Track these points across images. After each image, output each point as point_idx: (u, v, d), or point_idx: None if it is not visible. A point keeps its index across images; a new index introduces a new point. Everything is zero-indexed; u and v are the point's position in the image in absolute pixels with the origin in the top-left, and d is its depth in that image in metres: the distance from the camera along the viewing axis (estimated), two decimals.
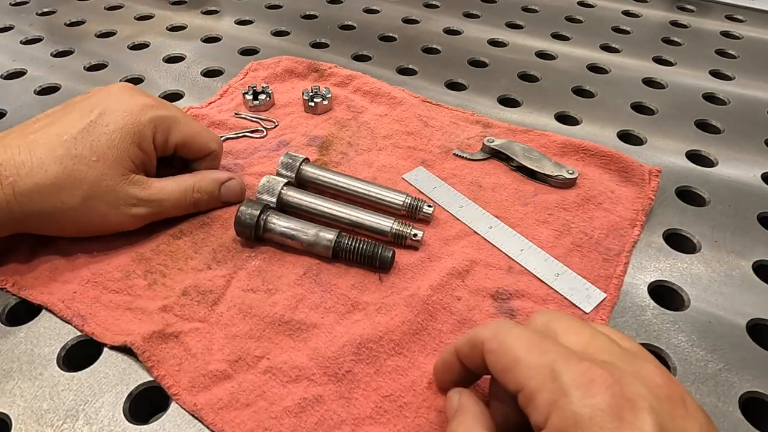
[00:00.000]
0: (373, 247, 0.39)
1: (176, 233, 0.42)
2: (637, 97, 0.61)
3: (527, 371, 0.24)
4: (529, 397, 0.24)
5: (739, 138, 0.55)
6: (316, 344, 0.35)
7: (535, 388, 0.24)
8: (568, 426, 0.22)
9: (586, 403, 0.22)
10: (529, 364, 0.24)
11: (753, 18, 0.80)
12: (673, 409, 0.23)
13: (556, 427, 0.22)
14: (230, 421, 0.31)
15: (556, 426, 0.22)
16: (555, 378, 0.23)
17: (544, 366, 0.24)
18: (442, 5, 0.81)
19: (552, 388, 0.23)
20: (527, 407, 0.24)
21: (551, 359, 0.24)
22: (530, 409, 0.24)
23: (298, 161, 0.45)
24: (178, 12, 0.77)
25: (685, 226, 0.45)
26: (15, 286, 0.38)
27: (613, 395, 0.22)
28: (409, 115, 0.54)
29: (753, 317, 0.38)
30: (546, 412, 0.23)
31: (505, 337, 0.26)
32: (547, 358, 0.24)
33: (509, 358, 0.25)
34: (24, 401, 0.33)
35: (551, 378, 0.23)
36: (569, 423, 0.22)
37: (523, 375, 0.24)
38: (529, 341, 0.25)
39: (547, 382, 0.23)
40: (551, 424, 0.22)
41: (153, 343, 0.35)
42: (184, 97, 0.59)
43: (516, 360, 0.25)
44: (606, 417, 0.21)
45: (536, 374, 0.24)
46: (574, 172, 0.47)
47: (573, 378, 0.23)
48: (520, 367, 0.25)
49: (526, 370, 0.24)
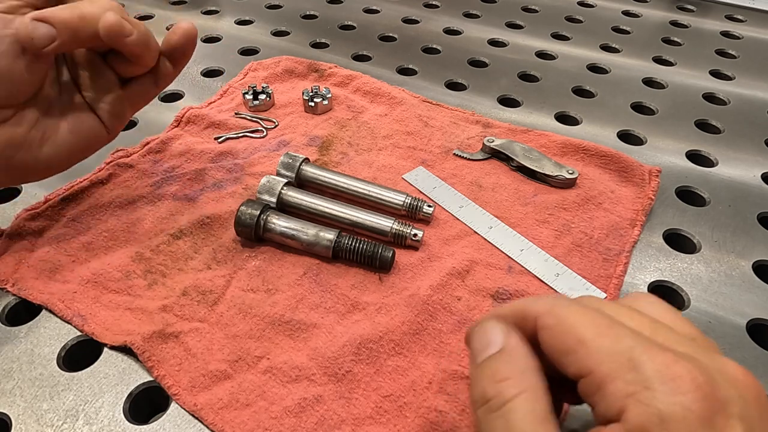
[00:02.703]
0: (373, 247, 0.39)
1: (176, 233, 0.42)
2: (637, 97, 0.61)
3: (597, 356, 0.21)
4: (597, 385, 0.21)
5: (739, 138, 0.55)
6: (316, 344, 0.35)
7: (607, 376, 0.21)
8: (651, 423, 0.19)
9: (674, 401, 0.19)
10: (600, 348, 0.21)
11: (753, 18, 0.80)
12: (763, 413, 0.21)
13: (636, 422, 0.20)
14: (230, 421, 0.31)
15: (635, 421, 0.20)
16: (635, 367, 0.20)
17: (619, 352, 0.21)
18: (442, 5, 0.81)
19: (630, 379, 0.20)
20: (593, 395, 0.21)
21: (628, 346, 0.21)
22: (597, 398, 0.21)
23: (298, 161, 0.45)
24: (178, 12, 0.77)
25: (685, 226, 0.45)
26: (15, 286, 0.38)
27: (704, 396, 0.19)
28: (409, 115, 0.54)
29: (753, 317, 0.38)
30: (621, 405, 0.20)
31: (565, 313, 0.23)
32: (622, 343, 0.21)
33: (571, 338, 0.22)
34: (24, 401, 0.33)
35: (629, 367, 0.20)
36: (653, 420, 0.19)
37: (592, 359, 0.21)
38: (596, 321, 0.22)
39: (623, 371, 0.20)
40: (630, 419, 0.20)
41: (153, 343, 0.35)
42: (184, 97, 0.59)
43: (581, 341, 0.22)
44: (696, 420, 0.19)
45: (609, 360, 0.21)
46: (574, 172, 0.47)
47: (657, 370, 0.20)
48: (587, 349, 0.22)
49: (596, 355, 0.21)
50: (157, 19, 0.75)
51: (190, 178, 0.47)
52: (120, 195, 0.45)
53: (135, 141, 0.51)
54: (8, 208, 0.45)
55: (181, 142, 0.51)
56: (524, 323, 0.25)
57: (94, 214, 0.43)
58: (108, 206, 0.44)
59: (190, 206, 0.44)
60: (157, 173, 0.47)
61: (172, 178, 0.47)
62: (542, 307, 0.24)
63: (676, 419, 0.19)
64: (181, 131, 0.53)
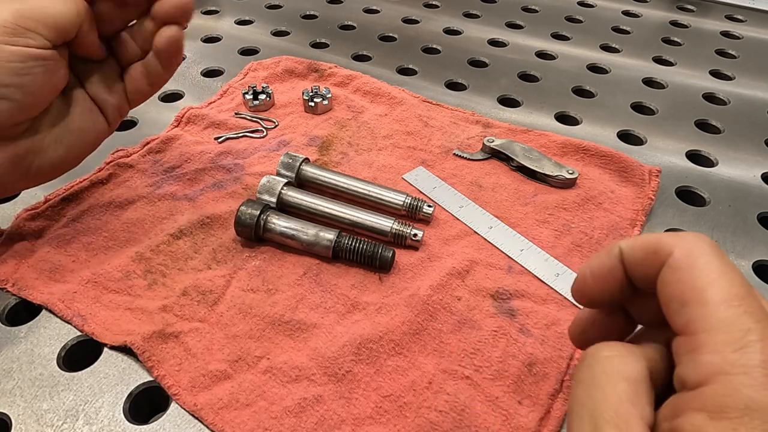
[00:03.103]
0: (373, 247, 0.39)
1: (176, 233, 0.42)
2: (637, 97, 0.61)
3: (712, 320, 0.20)
4: (694, 348, 0.20)
5: (739, 138, 0.55)
6: (316, 344, 0.35)
7: (709, 345, 0.19)
8: (734, 407, 0.18)
9: None
10: (719, 314, 0.20)
11: (753, 18, 0.80)
12: None
13: (715, 401, 0.19)
14: (230, 421, 0.31)
15: (715, 399, 0.19)
16: (742, 347, 0.19)
17: (736, 326, 0.19)
18: (442, 5, 0.81)
19: (731, 359, 0.19)
20: (684, 354, 0.20)
21: (749, 324, 0.19)
22: (686, 359, 0.20)
23: (298, 161, 0.45)
24: None
25: (685, 226, 0.45)
26: (15, 286, 0.38)
27: None
28: (409, 115, 0.54)
29: None
30: (707, 377, 0.19)
31: (703, 262, 0.21)
32: (744, 321, 0.20)
33: (697, 293, 0.20)
34: (24, 401, 0.32)
35: (737, 345, 0.19)
36: (738, 404, 0.18)
37: (705, 322, 0.20)
38: (731, 286, 0.20)
39: (729, 347, 0.19)
40: (709, 394, 0.19)
41: (153, 343, 0.35)
42: (184, 97, 0.59)
43: (704, 301, 0.20)
44: None
45: (721, 330, 0.20)
46: (574, 172, 0.47)
47: (764, 360, 0.19)
48: (705, 312, 0.20)
49: (711, 319, 0.20)
50: None
51: (190, 178, 0.47)
52: (120, 195, 0.45)
53: (135, 141, 0.51)
54: (8, 208, 0.45)
55: (181, 142, 0.51)
56: (653, 257, 0.23)
57: (94, 214, 0.43)
58: (108, 206, 0.44)
59: (190, 206, 0.44)
60: (157, 173, 0.47)
61: (172, 178, 0.47)
62: (682, 245, 0.22)
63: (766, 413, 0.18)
64: (181, 131, 0.53)
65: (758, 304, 0.20)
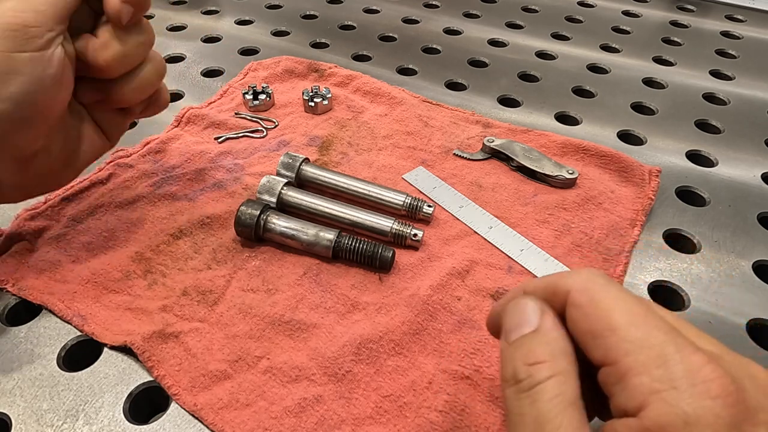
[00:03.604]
0: (373, 247, 0.39)
1: (176, 233, 0.42)
2: (637, 97, 0.61)
3: (625, 345, 0.20)
4: (620, 375, 0.20)
5: (739, 138, 0.55)
6: (316, 344, 0.35)
7: (632, 369, 0.20)
8: (673, 424, 0.19)
9: (703, 404, 0.19)
10: (630, 338, 0.20)
11: (753, 18, 0.80)
12: None
13: (656, 421, 0.19)
14: (230, 421, 0.31)
15: (656, 420, 0.19)
16: (664, 364, 0.20)
17: (649, 346, 0.20)
18: (442, 5, 0.81)
19: (658, 376, 0.20)
20: (614, 385, 0.21)
21: (660, 341, 0.20)
22: (618, 389, 0.20)
23: (298, 161, 0.45)
24: (178, 12, 0.77)
25: (685, 226, 0.45)
26: (15, 286, 0.38)
27: (734, 402, 0.19)
28: (409, 115, 0.54)
29: (753, 317, 0.38)
30: (642, 400, 0.20)
31: (600, 294, 0.22)
32: (655, 336, 0.20)
33: (603, 322, 0.21)
34: (24, 401, 0.32)
35: (658, 363, 0.20)
36: (676, 421, 0.19)
37: (620, 349, 0.20)
38: (631, 308, 0.21)
39: (651, 367, 0.20)
40: (649, 416, 0.19)
41: (153, 343, 0.35)
42: (184, 97, 0.59)
43: (611, 328, 0.21)
44: (724, 426, 0.18)
45: (638, 353, 0.20)
46: (574, 172, 0.47)
47: (687, 370, 0.19)
48: (617, 338, 0.21)
49: (625, 344, 0.20)
50: (157, 19, 0.75)
51: (190, 178, 0.47)
52: (120, 195, 0.45)
53: (135, 141, 0.51)
54: (8, 208, 0.45)
55: (181, 142, 0.51)
56: (554, 298, 0.23)
57: (94, 214, 0.43)
58: (108, 206, 0.44)
59: (190, 206, 0.44)
60: (157, 173, 0.47)
61: (172, 178, 0.47)
62: (577, 283, 0.23)
63: (703, 423, 0.18)
64: (181, 131, 0.53)
65: (660, 319, 0.21)
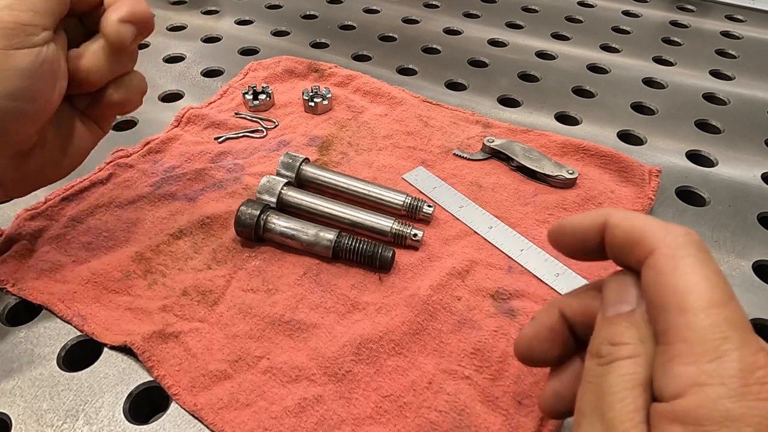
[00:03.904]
0: (373, 247, 0.39)
1: (176, 233, 0.42)
2: (637, 97, 0.61)
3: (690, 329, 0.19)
4: (670, 358, 0.20)
5: (739, 138, 0.55)
6: (316, 344, 0.35)
7: (685, 355, 0.19)
8: (711, 418, 0.18)
9: (749, 404, 0.18)
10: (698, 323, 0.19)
11: (753, 18, 0.80)
12: None
13: (693, 413, 0.18)
14: (230, 421, 0.31)
15: (692, 411, 0.18)
16: (719, 357, 0.19)
17: (713, 337, 0.19)
18: (442, 5, 0.81)
19: (708, 369, 0.19)
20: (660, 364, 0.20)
21: (727, 332, 0.19)
22: (662, 370, 0.20)
23: (298, 161, 0.45)
24: (178, 12, 0.77)
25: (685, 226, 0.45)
26: (15, 286, 0.38)
27: None
28: (409, 115, 0.54)
29: (753, 317, 0.38)
30: (682, 388, 0.19)
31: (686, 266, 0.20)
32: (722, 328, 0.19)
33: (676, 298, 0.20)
34: (24, 401, 0.32)
35: (714, 354, 0.19)
36: (715, 416, 0.18)
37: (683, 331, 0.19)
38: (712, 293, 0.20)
39: (705, 358, 0.19)
40: (685, 406, 0.18)
41: (153, 343, 0.35)
42: (184, 97, 0.59)
43: (682, 308, 0.20)
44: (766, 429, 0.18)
45: (699, 339, 0.19)
46: (574, 172, 0.47)
47: (742, 369, 0.18)
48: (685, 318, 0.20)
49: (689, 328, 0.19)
50: (157, 19, 0.75)
51: (190, 178, 0.47)
52: (120, 195, 0.45)
53: (135, 141, 0.51)
54: (8, 208, 0.45)
55: (181, 142, 0.51)
56: (634, 248, 0.22)
57: (94, 214, 0.43)
58: (108, 206, 0.44)
59: (190, 206, 0.44)
60: (157, 173, 0.47)
61: (172, 178, 0.47)
62: (665, 245, 0.21)
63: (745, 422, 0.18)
64: (181, 131, 0.53)
65: (739, 311, 0.20)
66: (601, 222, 0.24)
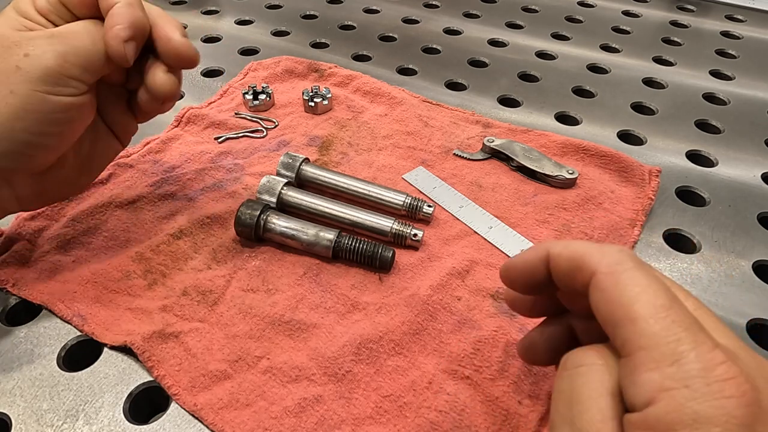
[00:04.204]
0: (373, 247, 0.39)
1: (176, 233, 0.42)
2: (637, 97, 0.61)
3: (643, 337, 0.20)
4: (633, 368, 0.20)
5: (739, 138, 0.55)
6: (316, 344, 0.35)
7: (644, 364, 0.20)
8: (681, 422, 0.18)
9: (715, 404, 0.18)
10: (648, 332, 0.20)
11: (753, 18, 0.80)
12: None
13: (663, 419, 0.19)
14: (230, 421, 0.31)
15: (662, 417, 0.19)
16: (677, 361, 0.19)
17: (666, 342, 0.19)
18: (442, 5, 0.81)
19: (670, 373, 0.19)
20: (625, 377, 0.20)
21: (679, 336, 0.20)
22: (628, 382, 0.20)
23: (298, 161, 0.45)
24: (178, 12, 0.77)
25: (685, 226, 0.45)
26: (15, 286, 0.38)
27: (748, 402, 0.18)
28: (409, 115, 0.54)
29: (753, 317, 0.38)
30: (651, 396, 0.19)
31: (627, 280, 0.21)
32: (674, 331, 0.20)
33: (624, 310, 0.21)
34: (24, 401, 0.32)
35: (672, 359, 0.19)
36: (684, 420, 0.18)
37: (637, 339, 0.20)
38: (655, 298, 0.21)
39: (664, 363, 0.19)
40: (656, 413, 0.19)
41: (153, 343, 0.35)
42: (184, 97, 0.59)
43: (631, 318, 0.20)
44: (736, 427, 0.18)
45: (652, 348, 0.20)
46: (574, 172, 0.47)
47: (702, 368, 0.19)
48: (635, 330, 0.20)
49: (642, 336, 0.20)
50: None
51: (190, 178, 0.47)
52: (120, 195, 0.45)
53: (135, 141, 0.50)
54: None
55: (181, 142, 0.51)
56: (578, 273, 0.23)
57: (94, 214, 0.43)
58: (108, 206, 0.44)
59: (190, 206, 0.44)
60: (157, 173, 0.47)
61: (172, 178, 0.47)
62: (603, 264, 0.22)
63: (714, 422, 0.18)
64: (181, 131, 0.53)
65: (684, 311, 0.21)
66: (544, 255, 0.25)
